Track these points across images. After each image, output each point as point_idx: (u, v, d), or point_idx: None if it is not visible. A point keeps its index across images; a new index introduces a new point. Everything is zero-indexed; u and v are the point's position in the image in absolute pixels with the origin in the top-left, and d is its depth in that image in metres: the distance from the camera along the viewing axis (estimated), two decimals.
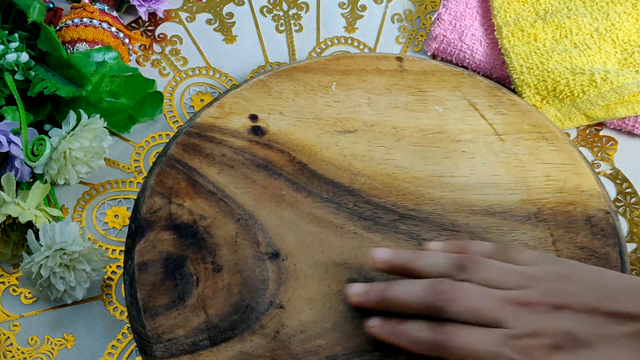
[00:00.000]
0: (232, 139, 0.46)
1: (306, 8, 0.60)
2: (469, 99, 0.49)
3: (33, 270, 0.43)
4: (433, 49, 0.57)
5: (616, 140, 0.54)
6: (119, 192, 0.51)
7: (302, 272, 0.42)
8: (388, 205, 0.45)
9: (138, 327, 0.40)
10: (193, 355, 0.39)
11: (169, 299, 0.41)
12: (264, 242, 0.43)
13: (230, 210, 0.44)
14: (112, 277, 0.48)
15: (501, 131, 0.48)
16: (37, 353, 0.46)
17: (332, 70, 0.50)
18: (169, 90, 0.56)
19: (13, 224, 0.48)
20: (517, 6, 0.56)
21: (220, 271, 0.42)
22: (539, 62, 0.53)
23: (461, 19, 0.57)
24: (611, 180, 0.52)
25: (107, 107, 0.52)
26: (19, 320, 0.47)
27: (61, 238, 0.44)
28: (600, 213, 0.45)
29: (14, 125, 0.48)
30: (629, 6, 0.56)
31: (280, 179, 0.45)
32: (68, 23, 0.53)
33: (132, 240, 0.43)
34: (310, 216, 0.44)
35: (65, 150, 0.46)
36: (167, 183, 0.44)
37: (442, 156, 0.47)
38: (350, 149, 0.47)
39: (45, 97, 0.49)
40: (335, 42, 0.58)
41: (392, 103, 0.49)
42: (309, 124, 0.48)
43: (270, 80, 0.49)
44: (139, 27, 0.58)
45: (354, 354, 0.40)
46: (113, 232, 0.50)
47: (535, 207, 0.45)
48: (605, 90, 0.51)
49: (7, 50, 0.48)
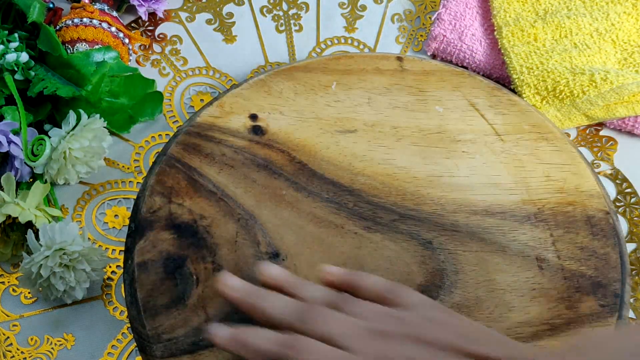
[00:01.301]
0: (232, 139, 0.46)
1: (306, 8, 0.60)
2: (469, 99, 0.49)
3: (33, 270, 0.43)
4: (433, 49, 0.57)
5: (616, 140, 0.54)
6: (118, 192, 0.51)
7: (302, 272, 0.42)
8: (388, 205, 0.45)
9: (138, 327, 0.40)
10: (193, 355, 0.39)
11: (169, 299, 0.41)
12: (264, 241, 0.43)
13: (230, 210, 0.44)
14: (112, 277, 0.48)
15: (501, 131, 0.48)
16: (37, 353, 0.46)
17: (332, 70, 0.50)
18: (168, 90, 0.56)
19: (13, 224, 0.48)
20: (517, 6, 0.56)
21: (220, 271, 0.42)
22: (538, 62, 0.53)
23: (461, 19, 0.57)
24: (611, 181, 0.52)
25: (107, 107, 0.52)
26: (18, 320, 0.47)
27: (61, 238, 0.44)
28: (600, 213, 0.45)
29: (14, 125, 0.48)
30: (629, 6, 0.56)
31: (280, 178, 0.45)
32: (68, 23, 0.53)
33: (132, 240, 0.43)
34: (310, 216, 0.44)
35: (65, 150, 0.46)
36: (167, 183, 0.44)
37: (442, 156, 0.47)
38: (351, 149, 0.47)
39: (45, 97, 0.49)
40: (335, 42, 0.58)
41: (392, 103, 0.49)
42: (309, 123, 0.48)
43: (270, 79, 0.49)
44: (139, 27, 0.58)
45: None
46: (113, 232, 0.50)
47: (535, 207, 0.45)
48: (605, 91, 0.51)
49: (7, 50, 0.48)
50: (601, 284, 0.42)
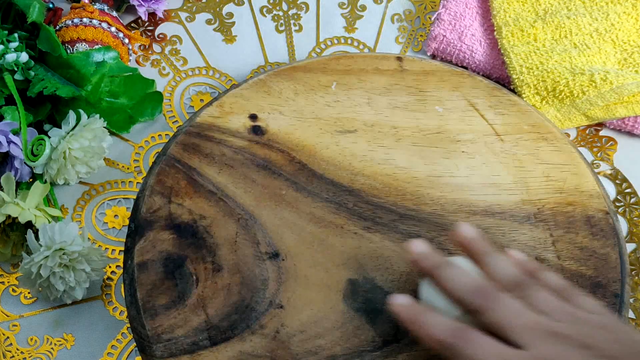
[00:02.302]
0: (232, 139, 0.46)
1: (306, 8, 0.60)
2: (469, 99, 0.49)
3: (33, 270, 0.43)
4: (433, 49, 0.57)
5: (616, 140, 0.54)
6: (118, 192, 0.51)
7: (301, 272, 0.42)
8: (388, 205, 0.45)
9: (138, 327, 0.40)
10: (193, 355, 0.39)
11: (168, 299, 0.41)
12: (263, 242, 0.43)
13: (230, 210, 0.44)
14: (111, 277, 0.48)
15: (501, 131, 0.48)
16: (37, 353, 0.46)
17: (332, 70, 0.50)
18: (168, 90, 0.56)
19: (13, 224, 0.48)
20: (516, 6, 0.56)
21: (220, 271, 0.42)
22: (538, 62, 0.53)
23: (461, 19, 0.57)
24: (611, 181, 0.52)
25: (106, 107, 0.52)
26: (18, 320, 0.47)
27: (61, 238, 0.44)
28: (600, 213, 0.45)
29: (14, 125, 0.48)
30: (628, 6, 0.56)
31: (280, 178, 0.45)
32: (68, 23, 0.53)
33: (131, 240, 0.43)
34: (310, 216, 0.44)
35: (65, 150, 0.46)
36: (166, 183, 0.44)
37: (442, 156, 0.47)
38: (350, 149, 0.47)
39: (45, 97, 0.49)
40: (335, 42, 0.58)
41: (392, 103, 0.49)
42: (309, 123, 0.48)
43: (270, 80, 0.49)
44: (139, 27, 0.58)
45: (354, 354, 0.40)
46: (113, 232, 0.50)
47: (534, 207, 0.45)
48: (605, 91, 0.51)
49: (7, 50, 0.48)
50: (601, 284, 0.42)
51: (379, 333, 0.40)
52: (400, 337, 0.40)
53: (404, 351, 0.40)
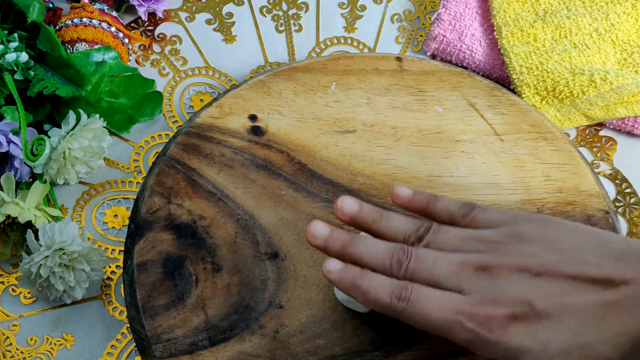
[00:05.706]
0: (231, 139, 0.46)
1: (306, 8, 0.60)
2: (469, 99, 0.49)
3: (32, 270, 0.43)
4: (433, 49, 0.57)
5: (616, 140, 0.54)
6: (118, 192, 0.51)
7: (301, 272, 0.42)
8: (387, 205, 0.45)
9: (137, 327, 0.40)
10: (192, 355, 0.39)
11: (168, 299, 0.41)
12: (263, 242, 0.43)
13: (229, 210, 0.44)
14: (111, 277, 0.48)
15: (501, 131, 0.48)
16: (37, 353, 0.46)
17: (332, 70, 0.50)
18: (168, 90, 0.56)
19: (12, 224, 0.48)
20: (516, 6, 0.56)
21: (220, 271, 0.42)
22: (538, 63, 0.53)
23: (461, 19, 0.57)
24: (610, 181, 0.52)
25: (106, 107, 0.52)
26: (18, 320, 0.47)
27: (60, 238, 0.44)
28: (600, 213, 0.45)
29: (14, 125, 0.48)
30: (628, 6, 0.56)
31: (279, 179, 0.45)
32: (67, 23, 0.53)
33: (131, 240, 0.43)
34: (309, 216, 0.44)
35: (65, 150, 0.46)
36: (166, 183, 0.44)
37: (441, 156, 0.47)
38: (350, 149, 0.47)
39: (44, 97, 0.49)
40: (334, 42, 0.58)
41: (392, 103, 0.49)
42: (309, 124, 0.48)
43: (270, 80, 0.49)
44: (139, 27, 0.58)
45: (354, 354, 0.40)
46: (112, 232, 0.50)
47: (534, 207, 0.45)
48: (605, 91, 0.51)
49: (7, 50, 0.48)
50: None
51: (379, 333, 0.40)
52: (400, 337, 0.40)
53: (404, 351, 0.40)
